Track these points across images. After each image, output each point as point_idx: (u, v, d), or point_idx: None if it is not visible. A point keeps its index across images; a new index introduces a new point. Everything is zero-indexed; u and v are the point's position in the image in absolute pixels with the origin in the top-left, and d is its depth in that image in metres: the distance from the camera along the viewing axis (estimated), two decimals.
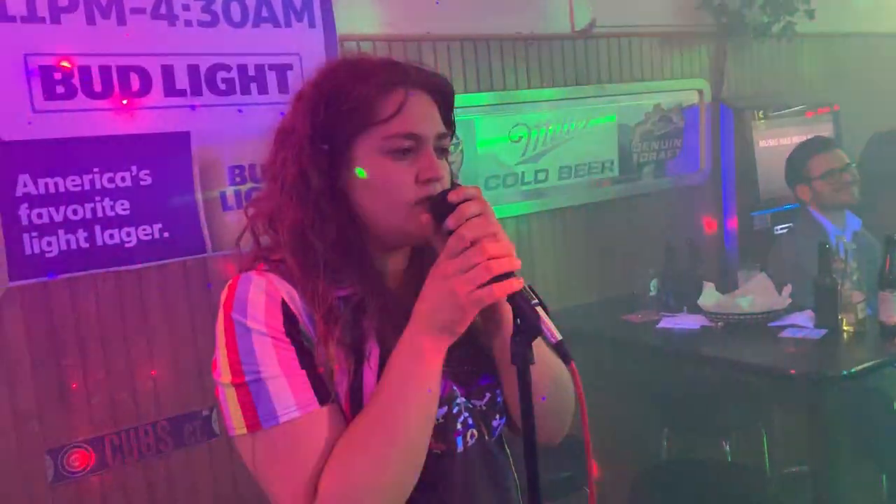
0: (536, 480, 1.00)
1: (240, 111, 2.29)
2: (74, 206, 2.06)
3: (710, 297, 2.67)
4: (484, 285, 0.93)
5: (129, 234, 2.13)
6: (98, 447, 2.12)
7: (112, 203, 2.11)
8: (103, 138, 2.08)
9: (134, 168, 2.13)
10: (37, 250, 2.01)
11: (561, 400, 1.14)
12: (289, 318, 1.00)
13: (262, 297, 1.00)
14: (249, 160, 2.31)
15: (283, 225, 1.05)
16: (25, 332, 2.02)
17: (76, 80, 2.04)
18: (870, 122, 3.73)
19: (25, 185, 1.99)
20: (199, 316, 2.26)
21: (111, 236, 2.11)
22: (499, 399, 1.12)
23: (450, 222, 0.98)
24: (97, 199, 2.09)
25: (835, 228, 2.95)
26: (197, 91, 2.21)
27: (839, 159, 2.97)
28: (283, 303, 1.00)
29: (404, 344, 0.98)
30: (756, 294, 2.61)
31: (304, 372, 0.98)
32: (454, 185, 1.05)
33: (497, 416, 1.12)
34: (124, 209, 2.12)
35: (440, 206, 1.00)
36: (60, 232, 2.04)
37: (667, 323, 2.72)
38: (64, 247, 2.04)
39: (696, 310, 2.72)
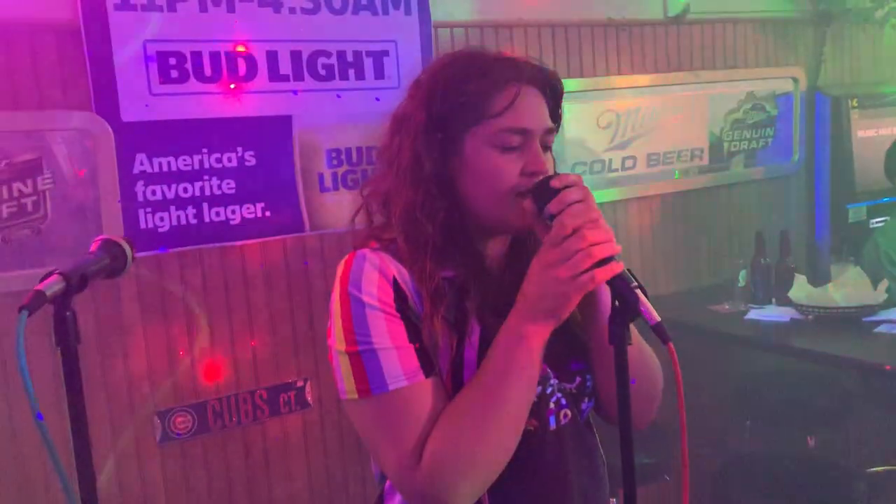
0: (632, 459, 1.03)
1: (338, 96, 2.37)
2: (185, 185, 2.18)
3: (801, 289, 2.63)
4: (586, 271, 0.98)
5: (233, 212, 2.25)
6: (201, 412, 2.25)
7: (219, 182, 2.23)
8: (212, 121, 2.20)
9: (239, 149, 2.25)
10: (150, 225, 2.15)
11: (650, 385, 1.18)
12: (399, 294, 1.06)
13: (376, 274, 1.06)
14: (346, 144, 2.40)
15: (396, 206, 1.12)
16: (139, 301, 2.16)
17: (189, 65, 2.16)
18: None
19: (142, 164, 2.13)
20: (296, 292, 2.37)
21: (217, 214, 2.23)
22: (588, 383, 1.16)
23: (551, 208, 1.02)
24: (206, 178, 2.21)
25: None
26: (299, 76, 2.31)
27: None
28: (395, 280, 1.06)
29: (509, 328, 1.04)
30: (850, 288, 2.55)
31: (412, 345, 1.05)
32: (556, 173, 1.10)
33: (586, 399, 1.17)
34: (230, 188, 2.24)
35: (542, 193, 1.04)
36: (172, 208, 2.17)
37: (755, 314, 2.69)
38: (174, 222, 2.18)
39: (785, 302, 2.68)
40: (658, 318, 0.97)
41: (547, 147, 1.13)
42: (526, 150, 1.09)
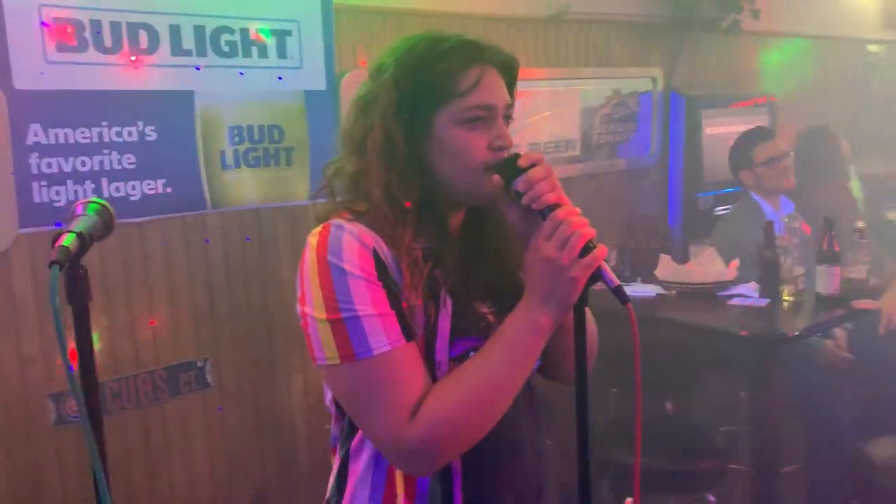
0: (586, 411, 1.13)
1: (241, 74, 2.36)
2: (83, 158, 2.09)
3: (665, 267, 2.92)
4: (584, 252, 1.06)
5: (133, 188, 2.19)
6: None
7: (119, 157, 2.15)
8: (112, 93, 2.12)
9: (140, 123, 2.18)
10: (46, 199, 2.05)
11: (592, 343, 1.30)
12: (379, 263, 1.10)
13: (356, 243, 1.10)
14: (249, 121, 2.39)
15: (372, 185, 1.15)
16: (32, 278, 2.06)
17: (88, 34, 2.08)
18: (800, 115, 4.11)
19: (36, 135, 2.02)
20: (197, 271, 2.34)
21: (117, 189, 2.16)
22: None
23: (519, 185, 1.10)
24: (105, 151, 2.13)
25: (772, 211, 3.25)
26: (202, 52, 2.27)
27: (779, 148, 3.26)
28: (374, 250, 1.10)
29: (523, 320, 1.11)
30: (706, 266, 2.87)
31: (392, 311, 1.09)
32: (518, 153, 1.16)
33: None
34: (130, 163, 2.17)
35: (510, 169, 1.12)
36: (69, 182, 2.08)
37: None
38: (72, 197, 2.08)
39: (650, 279, 2.97)
40: (618, 282, 1.08)
41: (509, 119, 1.21)
42: (491, 126, 1.16)
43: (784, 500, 2.70)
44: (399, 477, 1.19)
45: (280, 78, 2.43)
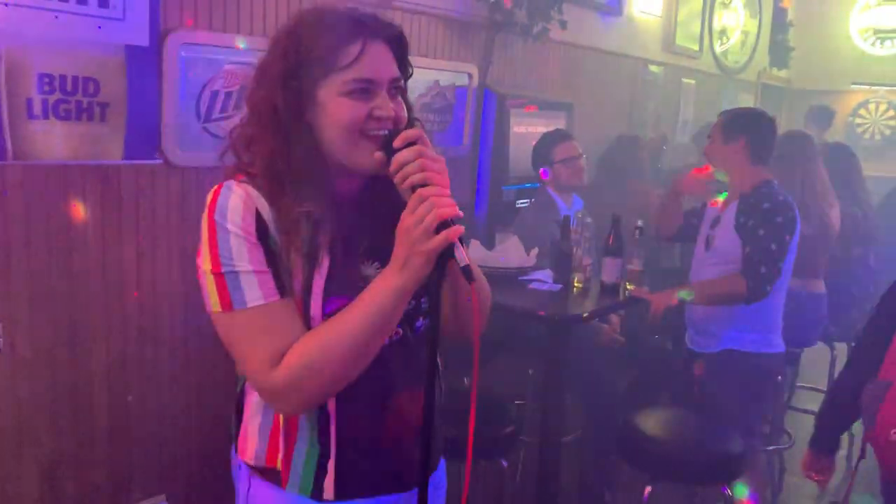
0: (434, 381, 1.23)
1: (56, 17, 2.20)
2: None
3: (475, 252, 3.12)
4: (438, 231, 1.15)
5: None
6: None
7: None
8: None
9: None
10: None
11: (483, 303, 1.35)
12: (261, 224, 1.23)
13: (240, 204, 1.23)
14: (62, 70, 2.23)
15: (258, 150, 1.27)
16: None
17: None
18: (592, 120, 4.55)
19: None
20: None
21: None
22: (423, 304, 1.35)
23: (392, 165, 1.19)
24: None
25: (564, 206, 3.58)
26: None
27: (575, 149, 3.60)
28: (257, 211, 1.23)
29: (380, 283, 1.22)
30: (510, 252, 3.11)
31: (269, 269, 1.23)
32: (402, 128, 1.25)
33: (420, 318, 1.37)
34: None
35: (388, 148, 1.21)
36: None
37: None
38: None
39: None
40: (467, 261, 1.17)
41: (399, 91, 1.29)
42: (374, 97, 1.24)
43: (564, 466, 3.01)
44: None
45: (100, 27, 2.30)
